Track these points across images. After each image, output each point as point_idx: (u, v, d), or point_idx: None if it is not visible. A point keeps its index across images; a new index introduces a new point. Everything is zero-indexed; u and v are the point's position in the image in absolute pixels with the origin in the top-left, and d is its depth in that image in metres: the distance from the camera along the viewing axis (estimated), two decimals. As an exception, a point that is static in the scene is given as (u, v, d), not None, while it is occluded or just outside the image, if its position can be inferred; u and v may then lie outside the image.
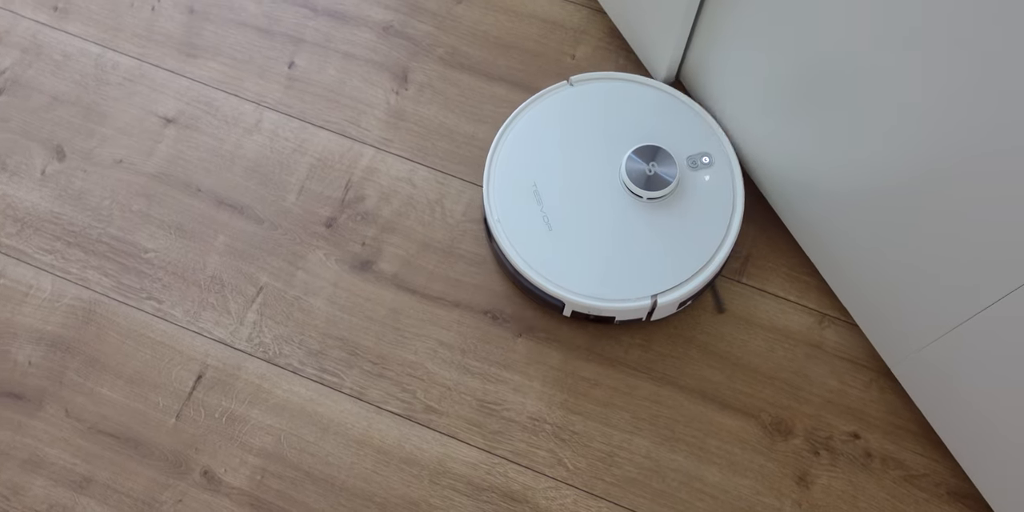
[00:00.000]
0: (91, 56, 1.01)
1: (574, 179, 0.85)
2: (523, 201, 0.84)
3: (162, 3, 1.03)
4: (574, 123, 0.87)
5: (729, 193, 0.84)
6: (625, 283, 0.82)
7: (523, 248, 0.83)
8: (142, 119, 0.99)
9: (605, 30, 0.99)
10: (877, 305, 0.79)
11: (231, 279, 0.92)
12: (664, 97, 0.88)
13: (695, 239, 0.83)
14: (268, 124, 0.98)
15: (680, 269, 0.82)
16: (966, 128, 0.59)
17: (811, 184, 0.80)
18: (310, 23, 1.01)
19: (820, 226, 0.82)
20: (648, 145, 0.84)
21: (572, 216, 0.84)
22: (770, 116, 0.81)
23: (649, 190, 0.83)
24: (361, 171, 0.95)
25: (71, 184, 0.96)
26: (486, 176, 0.86)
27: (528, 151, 0.86)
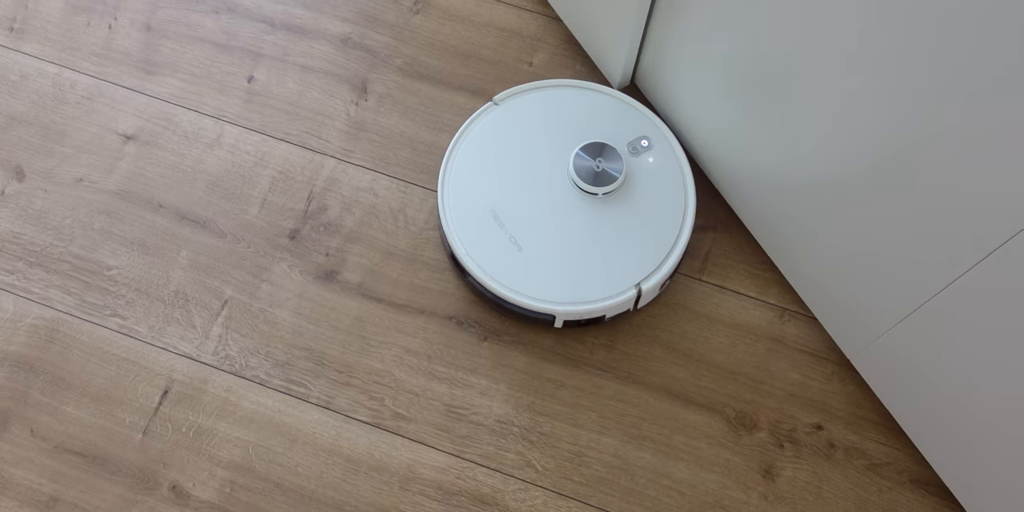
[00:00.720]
0: (48, 76, 1.02)
1: (529, 195, 0.87)
2: (486, 229, 0.86)
3: (119, 21, 1.04)
4: (513, 141, 0.89)
5: (677, 171, 0.87)
6: (606, 280, 0.83)
7: (500, 274, 0.84)
8: (102, 137, 0.99)
9: (561, 37, 1.01)
10: (833, 297, 0.81)
11: (195, 293, 0.92)
12: (595, 96, 0.91)
13: (659, 221, 0.85)
14: (229, 138, 0.98)
15: (653, 252, 0.84)
16: (909, 115, 0.60)
17: (763, 178, 0.82)
18: (268, 37, 1.02)
19: (774, 221, 0.84)
20: (591, 143, 0.86)
21: (537, 231, 0.85)
22: (721, 113, 0.83)
23: (601, 185, 0.84)
24: (323, 182, 0.96)
25: (31, 204, 0.96)
26: (442, 214, 0.86)
27: (475, 180, 0.88)
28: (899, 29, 0.57)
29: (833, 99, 0.66)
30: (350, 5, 1.03)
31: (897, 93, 0.60)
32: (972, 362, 0.68)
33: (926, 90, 0.57)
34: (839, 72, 0.64)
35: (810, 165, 0.74)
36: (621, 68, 0.92)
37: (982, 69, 0.53)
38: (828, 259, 0.78)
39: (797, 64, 0.69)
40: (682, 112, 0.90)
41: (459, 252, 0.85)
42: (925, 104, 0.58)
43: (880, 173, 0.66)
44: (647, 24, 0.86)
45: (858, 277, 0.75)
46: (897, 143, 0.63)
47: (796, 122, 0.73)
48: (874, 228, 0.70)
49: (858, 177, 0.69)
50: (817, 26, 0.64)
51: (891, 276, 0.71)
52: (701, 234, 0.92)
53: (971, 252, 0.62)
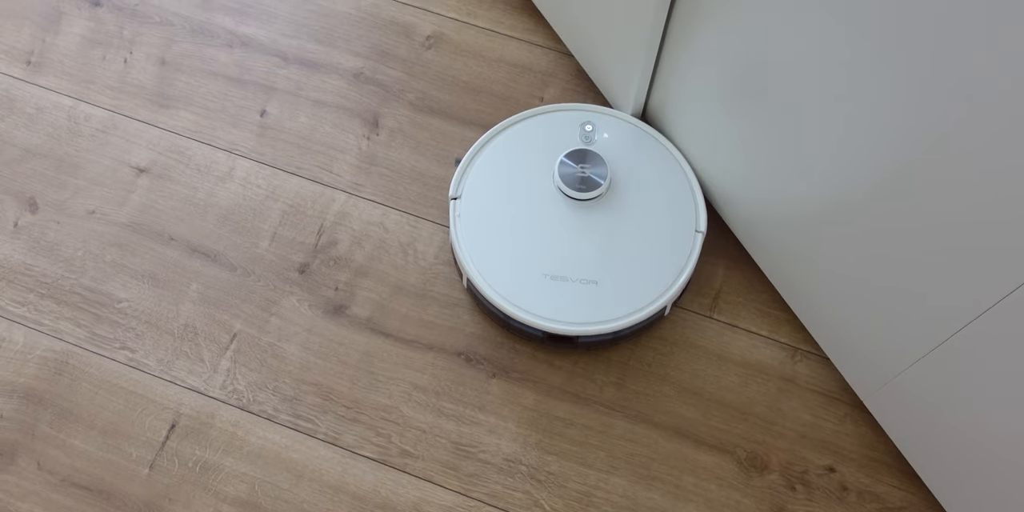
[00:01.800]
0: (64, 109, 1.02)
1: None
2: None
3: (134, 55, 1.05)
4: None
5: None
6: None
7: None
8: (115, 170, 0.99)
9: (572, 72, 1.01)
10: (846, 337, 0.80)
11: (204, 327, 0.92)
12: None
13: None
14: (240, 172, 0.98)
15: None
16: (919, 144, 0.60)
17: (772, 214, 0.81)
18: (281, 72, 1.03)
19: (784, 258, 0.83)
20: (574, 150, 0.87)
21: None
22: (728, 147, 0.83)
23: (589, 190, 0.85)
24: (333, 216, 0.96)
25: (44, 236, 0.96)
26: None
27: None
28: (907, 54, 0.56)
29: (841, 129, 0.66)
30: (363, 40, 1.04)
31: (906, 121, 0.59)
32: (990, 404, 0.67)
33: (936, 119, 0.57)
34: (846, 102, 0.64)
35: (818, 200, 0.74)
36: (632, 102, 0.92)
37: (990, 93, 0.52)
38: (840, 298, 0.77)
39: (802, 95, 0.68)
40: (691, 147, 0.90)
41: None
42: (935, 131, 0.58)
43: (892, 208, 0.66)
44: (658, 59, 0.86)
45: (871, 317, 0.74)
46: (908, 176, 0.62)
47: (803, 155, 0.72)
48: (888, 267, 0.70)
49: (868, 212, 0.68)
50: (820, 57, 0.64)
51: (906, 316, 0.70)
52: (712, 270, 0.92)
53: (990, 292, 0.61)
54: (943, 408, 0.72)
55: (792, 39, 0.66)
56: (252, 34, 1.05)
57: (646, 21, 0.79)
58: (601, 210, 0.86)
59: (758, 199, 0.83)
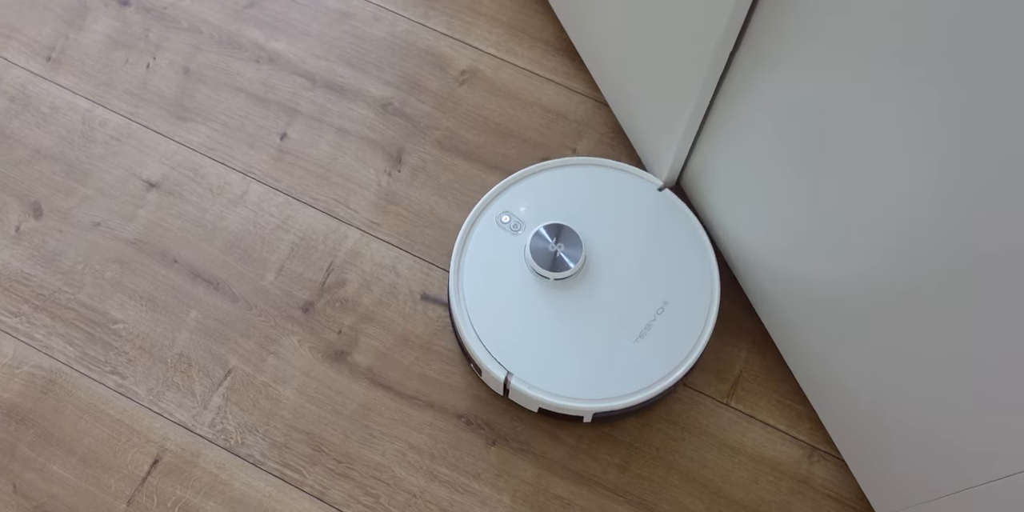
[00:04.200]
0: (80, 111, 0.96)
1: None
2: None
3: (157, 61, 0.98)
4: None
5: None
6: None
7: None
8: (125, 181, 0.93)
9: (609, 125, 0.94)
10: (868, 448, 0.74)
11: (199, 359, 0.86)
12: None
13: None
14: (253, 197, 0.92)
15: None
16: (987, 237, 0.53)
17: (805, 298, 0.75)
18: (307, 94, 0.96)
19: (811, 351, 0.77)
20: (549, 225, 0.80)
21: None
22: (769, 220, 0.77)
23: (561, 270, 0.79)
24: (344, 254, 0.90)
25: (45, 244, 0.90)
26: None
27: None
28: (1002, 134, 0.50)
29: (899, 210, 0.59)
30: (395, 69, 0.97)
31: (982, 211, 0.52)
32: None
33: (985, 213, 0.50)
34: (910, 180, 0.57)
35: (858, 287, 0.67)
36: (668, 167, 0.85)
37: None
38: (870, 413, 0.71)
39: (863, 167, 0.61)
40: (726, 221, 0.83)
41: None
42: (982, 224, 0.51)
43: (945, 312, 0.58)
44: (702, 124, 0.79)
45: (901, 439, 0.68)
46: (969, 277, 0.54)
47: (851, 233, 0.66)
48: (927, 384, 0.63)
49: (914, 312, 0.61)
50: (893, 126, 0.57)
51: (942, 448, 0.64)
52: (733, 353, 0.85)
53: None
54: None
55: (865, 103, 0.59)
56: (281, 50, 0.98)
57: (698, 76, 0.72)
58: (593, 272, 0.81)
59: (790, 279, 0.77)
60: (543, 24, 0.99)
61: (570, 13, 0.93)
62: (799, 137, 0.67)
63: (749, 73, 0.69)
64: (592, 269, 0.80)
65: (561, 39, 0.98)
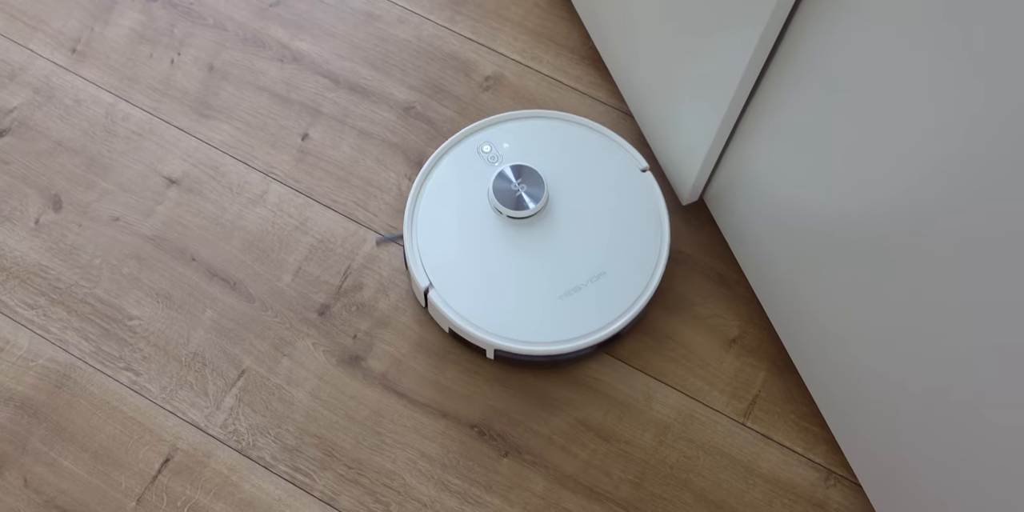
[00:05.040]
0: (103, 104, 0.94)
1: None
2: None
3: (182, 57, 0.96)
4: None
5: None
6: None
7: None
8: (145, 177, 0.92)
9: (632, 136, 0.93)
10: (887, 476, 0.72)
11: (213, 358, 0.85)
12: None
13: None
14: (273, 197, 0.91)
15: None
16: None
17: (830, 333, 0.74)
18: (330, 95, 0.94)
19: (831, 375, 0.76)
20: (522, 166, 0.81)
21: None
22: (794, 247, 0.75)
23: (515, 209, 0.80)
24: (362, 258, 0.88)
25: (64, 237, 0.89)
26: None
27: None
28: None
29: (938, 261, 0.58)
30: (419, 72, 0.95)
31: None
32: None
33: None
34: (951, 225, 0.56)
35: (887, 315, 0.66)
36: (692, 181, 0.84)
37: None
38: (885, 435, 0.70)
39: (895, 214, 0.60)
40: (750, 238, 0.81)
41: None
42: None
43: (979, 343, 0.57)
44: (729, 139, 0.78)
45: (917, 463, 0.66)
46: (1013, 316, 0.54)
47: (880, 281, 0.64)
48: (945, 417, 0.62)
49: (931, 346, 0.60)
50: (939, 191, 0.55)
51: (956, 475, 0.62)
52: (751, 373, 0.84)
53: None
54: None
55: (912, 123, 0.58)
56: (305, 50, 0.97)
57: (728, 93, 0.70)
58: (549, 222, 0.82)
59: (817, 315, 0.75)
60: (569, 32, 0.97)
61: (597, 22, 0.91)
62: (832, 154, 0.65)
63: (782, 88, 0.67)
64: (547, 221, 0.81)
65: (587, 47, 0.97)
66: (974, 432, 0.59)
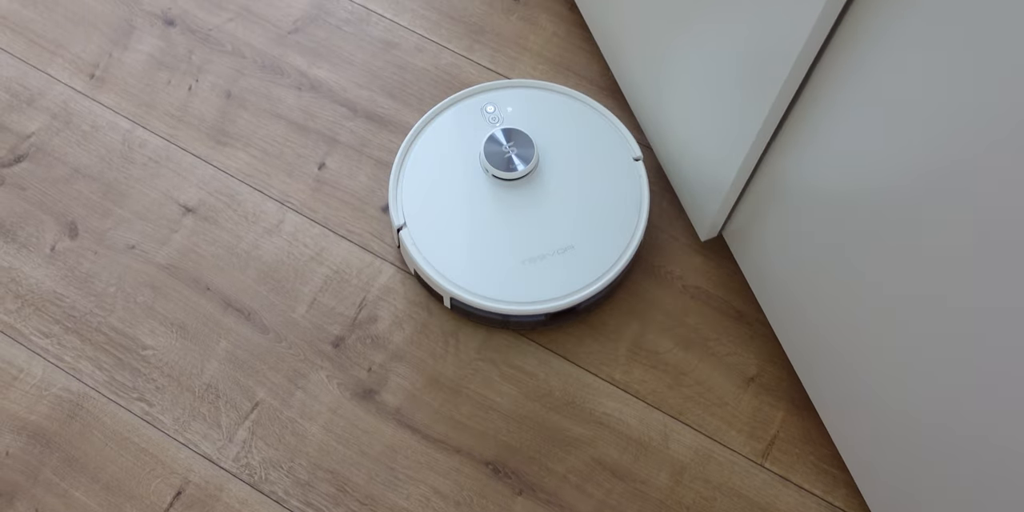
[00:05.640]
0: (120, 131, 0.94)
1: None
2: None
3: (200, 83, 0.95)
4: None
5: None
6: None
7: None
8: (162, 204, 0.91)
9: (651, 168, 0.91)
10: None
11: (227, 390, 0.84)
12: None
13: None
14: (289, 226, 0.90)
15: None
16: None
17: (851, 373, 0.72)
18: (347, 123, 0.93)
19: (856, 425, 0.74)
20: (518, 131, 0.82)
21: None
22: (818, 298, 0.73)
23: (501, 170, 0.81)
24: (378, 290, 0.87)
25: (79, 265, 0.88)
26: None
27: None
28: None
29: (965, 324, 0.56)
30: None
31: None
32: None
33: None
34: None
35: (911, 354, 0.64)
36: (712, 218, 0.82)
37: None
38: (906, 482, 0.68)
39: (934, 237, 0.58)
40: (769, 275, 0.80)
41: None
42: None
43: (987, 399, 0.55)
44: (754, 172, 0.76)
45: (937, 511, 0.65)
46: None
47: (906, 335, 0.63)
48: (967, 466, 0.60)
49: (957, 401, 0.58)
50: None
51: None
52: (770, 413, 0.82)
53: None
54: None
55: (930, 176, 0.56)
56: (323, 78, 0.96)
57: (752, 131, 0.69)
58: (532, 189, 0.83)
59: (835, 346, 0.73)
60: (588, 62, 0.96)
61: (617, 53, 0.90)
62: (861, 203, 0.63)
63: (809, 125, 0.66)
64: (530, 188, 0.83)
65: (606, 78, 0.95)
66: (1001, 478, 0.57)
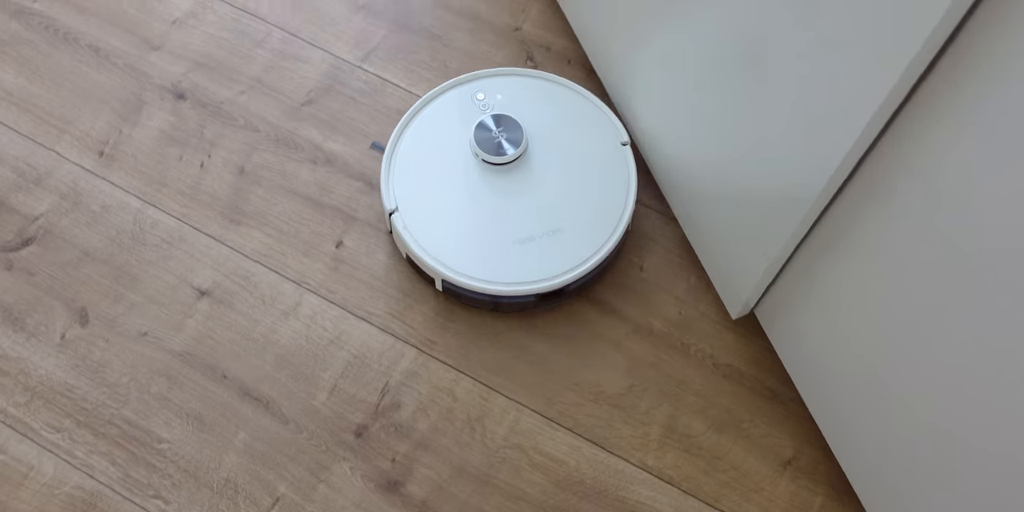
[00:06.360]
0: (131, 211, 0.90)
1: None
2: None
3: (212, 159, 0.92)
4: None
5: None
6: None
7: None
8: (175, 288, 0.87)
9: (676, 241, 0.88)
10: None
11: (246, 484, 0.80)
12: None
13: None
14: (307, 309, 0.86)
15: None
16: None
17: (893, 457, 0.68)
18: (364, 199, 0.90)
19: (898, 503, 0.70)
20: (508, 117, 0.83)
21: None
22: (858, 378, 0.70)
23: (491, 154, 0.82)
24: (400, 375, 0.84)
25: (91, 354, 0.85)
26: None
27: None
28: None
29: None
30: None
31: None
32: None
33: None
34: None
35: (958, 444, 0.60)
36: (745, 298, 0.79)
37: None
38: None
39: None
40: (806, 354, 0.76)
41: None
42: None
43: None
44: (791, 257, 0.72)
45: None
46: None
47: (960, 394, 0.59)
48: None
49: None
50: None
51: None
52: (809, 497, 0.78)
53: None
54: None
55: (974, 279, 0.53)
56: (339, 152, 0.93)
57: (793, 220, 0.66)
58: (521, 173, 0.84)
59: (870, 424, 0.70)
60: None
61: (637, 125, 0.87)
62: (909, 285, 0.60)
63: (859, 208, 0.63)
64: (519, 172, 0.83)
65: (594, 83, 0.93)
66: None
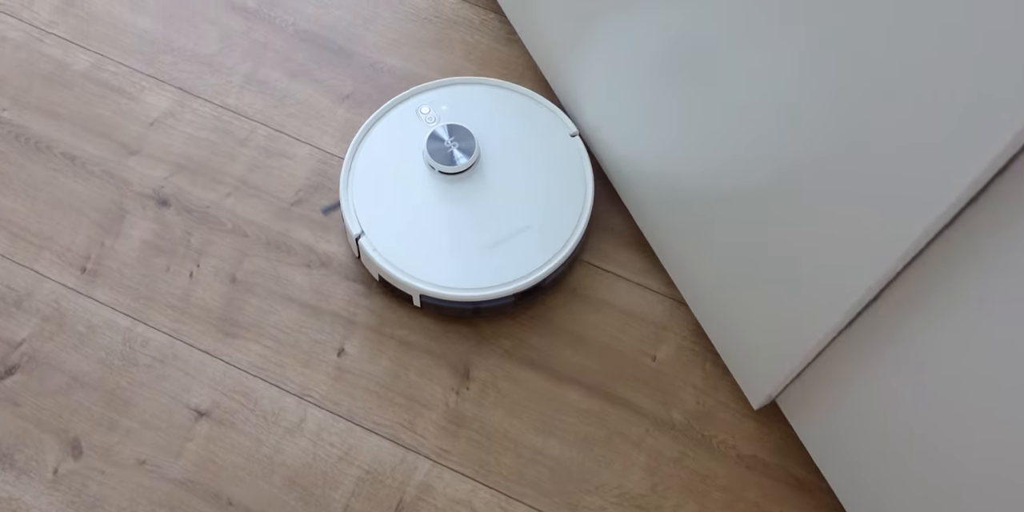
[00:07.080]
0: (119, 330, 0.86)
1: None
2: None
3: (201, 269, 0.88)
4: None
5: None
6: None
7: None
8: (171, 411, 0.82)
9: (689, 327, 0.85)
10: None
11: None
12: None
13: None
14: (312, 424, 0.81)
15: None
16: None
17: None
18: (363, 302, 0.86)
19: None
20: (457, 126, 0.84)
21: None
22: (890, 470, 0.66)
23: (446, 164, 0.83)
24: (414, 489, 0.79)
25: (86, 488, 0.79)
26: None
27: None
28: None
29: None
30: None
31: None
32: None
33: None
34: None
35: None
36: (768, 391, 0.75)
37: None
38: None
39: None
40: (833, 442, 0.73)
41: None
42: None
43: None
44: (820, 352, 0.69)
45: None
46: None
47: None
48: None
49: None
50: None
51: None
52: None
53: None
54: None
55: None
56: (333, 253, 0.89)
57: (823, 327, 0.63)
58: (479, 178, 0.84)
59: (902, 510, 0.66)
60: (611, 217, 0.90)
61: (643, 213, 0.84)
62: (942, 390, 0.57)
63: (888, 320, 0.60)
64: (477, 178, 0.84)
65: (633, 233, 0.89)
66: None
